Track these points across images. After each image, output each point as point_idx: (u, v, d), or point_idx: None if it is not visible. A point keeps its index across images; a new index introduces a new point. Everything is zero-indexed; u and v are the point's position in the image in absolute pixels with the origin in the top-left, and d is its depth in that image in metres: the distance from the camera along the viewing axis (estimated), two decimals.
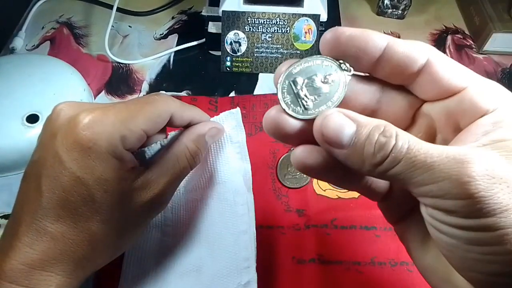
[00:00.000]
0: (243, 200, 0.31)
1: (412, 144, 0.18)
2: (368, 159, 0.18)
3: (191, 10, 0.56)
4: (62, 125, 0.24)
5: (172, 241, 0.33)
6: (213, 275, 0.30)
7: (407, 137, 0.18)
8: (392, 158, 0.18)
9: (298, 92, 0.21)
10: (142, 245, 0.32)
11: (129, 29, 0.54)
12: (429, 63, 0.19)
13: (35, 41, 0.53)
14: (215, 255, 0.31)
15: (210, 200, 0.32)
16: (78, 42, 0.53)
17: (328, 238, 0.34)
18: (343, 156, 0.19)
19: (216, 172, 0.32)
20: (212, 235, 0.31)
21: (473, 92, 0.19)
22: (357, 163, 0.19)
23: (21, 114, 0.39)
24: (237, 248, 0.30)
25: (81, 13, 0.56)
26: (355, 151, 0.19)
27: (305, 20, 0.44)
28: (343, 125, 0.19)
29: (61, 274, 0.24)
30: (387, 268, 0.32)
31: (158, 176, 0.27)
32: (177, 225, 0.33)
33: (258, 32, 0.45)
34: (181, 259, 0.32)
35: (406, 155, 0.18)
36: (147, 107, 0.26)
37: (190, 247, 0.32)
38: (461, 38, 0.52)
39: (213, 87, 0.47)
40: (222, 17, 0.45)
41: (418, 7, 0.54)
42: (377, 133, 0.18)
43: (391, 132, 0.18)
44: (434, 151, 0.17)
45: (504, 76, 0.47)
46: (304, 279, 0.33)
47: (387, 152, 0.18)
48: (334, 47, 0.20)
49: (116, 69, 0.50)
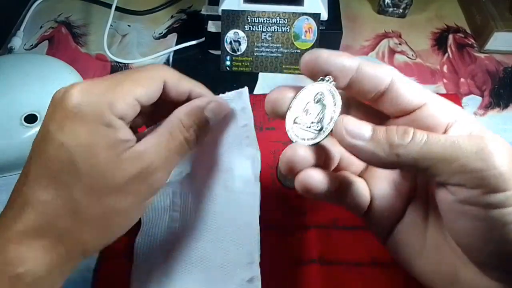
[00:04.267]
0: (249, 190, 0.30)
1: (430, 135, 0.20)
2: (393, 143, 0.20)
3: (191, 9, 0.56)
4: (56, 98, 0.24)
5: (180, 228, 0.32)
6: (217, 268, 0.29)
7: (422, 131, 0.20)
8: (415, 140, 0.20)
9: (305, 125, 0.23)
10: (151, 231, 0.32)
11: (128, 28, 0.54)
12: (392, 83, 0.21)
13: (33, 41, 0.52)
14: (219, 247, 0.30)
15: (216, 188, 0.31)
16: (77, 42, 0.52)
17: (329, 239, 0.34)
18: (367, 146, 0.21)
19: (222, 158, 0.30)
20: (216, 226, 0.30)
21: (432, 108, 0.21)
22: (380, 151, 0.20)
23: (19, 114, 0.39)
24: (241, 241, 0.29)
25: (80, 12, 0.56)
26: (378, 140, 0.20)
27: (306, 19, 0.44)
28: (362, 122, 0.21)
29: (39, 249, 0.22)
30: (388, 269, 0.32)
31: (149, 149, 0.24)
32: (185, 211, 0.32)
33: (258, 31, 0.45)
34: (187, 249, 0.31)
35: (428, 137, 0.19)
36: (137, 73, 0.25)
37: (197, 237, 0.31)
38: (463, 37, 0.51)
39: (212, 86, 0.46)
40: (222, 16, 0.45)
41: (419, 5, 0.54)
42: (399, 127, 0.20)
43: (409, 128, 0.20)
44: (452, 134, 0.20)
45: (505, 75, 0.47)
46: (305, 280, 0.33)
47: (410, 135, 0.20)
48: (315, 67, 0.22)
49: (115, 69, 0.49)
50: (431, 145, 0.19)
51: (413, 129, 0.20)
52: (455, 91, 0.46)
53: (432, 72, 0.48)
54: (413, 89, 0.22)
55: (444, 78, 0.47)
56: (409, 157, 0.20)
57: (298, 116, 0.24)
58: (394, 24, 0.53)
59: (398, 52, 0.50)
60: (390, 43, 0.51)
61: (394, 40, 0.51)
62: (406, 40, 0.51)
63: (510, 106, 0.44)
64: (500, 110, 0.44)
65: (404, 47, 0.50)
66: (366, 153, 0.21)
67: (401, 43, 0.51)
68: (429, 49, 0.50)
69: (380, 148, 0.20)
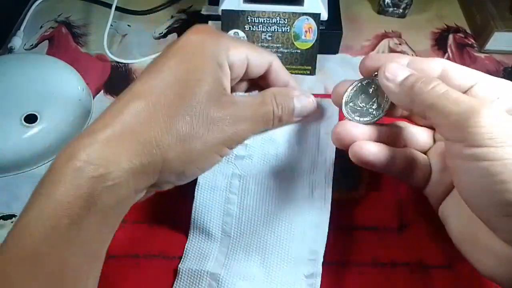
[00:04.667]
0: (321, 194, 0.31)
1: (449, 89, 0.23)
2: (418, 90, 0.24)
3: (191, 9, 0.56)
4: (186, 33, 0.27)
5: (238, 211, 0.32)
6: (277, 259, 0.30)
7: (447, 86, 0.24)
8: (432, 92, 0.23)
9: (358, 108, 0.28)
10: (206, 207, 0.32)
11: (128, 28, 0.54)
12: (444, 71, 0.26)
13: (33, 41, 0.52)
14: (282, 241, 0.31)
15: (286, 183, 0.32)
16: (77, 42, 0.52)
17: (329, 239, 0.34)
18: (396, 90, 0.25)
19: (300, 159, 0.32)
20: (282, 220, 0.31)
21: (479, 87, 0.25)
22: (404, 97, 0.25)
23: (19, 114, 0.39)
24: (306, 239, 0.30)
25: (80, 12, 0.56)
26: (406, 86, 0.25)
27: (306, 19, 0.44)
28: (400, 68, 0.26)
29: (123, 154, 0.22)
30: (388, 269, 0.32)
31: (241, 102, 0.26)
32: (244, 195, 0.33)
33: (258, 31, 0.45)
34: (246, 234, 0.32)
35: (444, 91, 0.23)
36: (253, 44, 0.30)
37: (258, 225, 0.32)
38: (463, 37, 0.51)
39: None
40: (222, 16, 0.45)
41: (419, 5, 0.54)
42: (426, 77, 0.24)
43: (436, 79, 0.24)
44: (462, 96, 0.23)
45: (506, 75, 0.47)
46: None
47: (429, 88, 0.24)
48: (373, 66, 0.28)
49: (115, 69, 0.49)
50: (443, 98, 0.23)
51: (437, 83, 0.24)
52: None
53: None
54: (463, 72, 0.26)
55: None
56: (420, 106, 0.24)
57: (353, 101, 0.28)
58: (394, 24, 0.53)
59: (398, 52, 0.50)
60: (390, 43, 0.51)
61: (394, 40, 0.51)
62: (406, 40, 0.51)
63: None
64: None
65: (404, 47, 0.50)
66: (393, 94, 0.26)
67: (401, 43, 0.51)
68: (429, 49, 0.50)
69: (404, 95, 0.25)
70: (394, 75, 0.25)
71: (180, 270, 0.31)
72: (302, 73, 0.47)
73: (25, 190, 0.38)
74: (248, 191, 0.33)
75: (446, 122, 0.23)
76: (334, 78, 0.47)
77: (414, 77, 0.25)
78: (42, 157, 0.40)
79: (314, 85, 0.46)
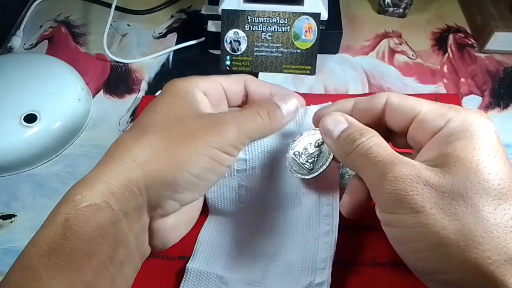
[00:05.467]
0: (328, 200, 0.31)
1: (374, 145, 0.23)
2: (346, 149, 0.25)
3: (190, 9, 0.56)
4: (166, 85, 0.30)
5: (248, 220, 0.33)
6: (286, 265, 0.30)
7: (376, 140, 0.24)
8: (357, 151, 0.24)
9: (301, 160, 0.30)
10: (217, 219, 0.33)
11: (127, 28, 0.54)
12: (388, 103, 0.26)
13: (33, 40, 0.52)
14: (292, 247, 0.31)
15: (293, 191, 0.32)
16: (76, 41, 0.52)
17: None
18: (333, 146, 0.26)
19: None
20: (291, 228, 0.31)
21: (423, 114, 0.24)
22: (339, 153, 0.26)
23: (19, 114, 0.39)
24: (316, 247, 0.30)
25: (79, 12, 0.56)
26: (339, 142, 0.25)
27: (306, 19, 0.44)
28: (338, 121, 0.26)
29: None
30: (387, 269, 0.32)
31: (223, 112, 0.30)
32: (252, 204, 0.33)
33: (258, 31, 0.45)
34: (255, 238, 0.32)
35: (368, 147, 0.23)
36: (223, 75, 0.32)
37: (267, 232, 0.32)
38: (463, 37, 0.51)
39: None
40: (222, 15, 0.45)
41: (419, 5, 0.54)
42: (357, 133, 0.24)
43: (366, 134, 0.24)
44: (383, 153, 0.23)
45: (506, 75, 0.47)
46: None
47: (355, 146, 0.24)
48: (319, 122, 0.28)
49: (114, 68, 0.49)
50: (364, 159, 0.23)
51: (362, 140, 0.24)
52: (455, 91, 0.46)
53: (432, 72, 0.48)
54: (405, 103, 0.25)
55: (444, 78, 0.47)
56: (351, 162, 0.24)
57: (298, 151, 0.30)
58: (394, 24, 0.53)
59: (398, 52, 0.50)
60: (390, 43, 0.51)
61: (394, 40, 0.51)
62: (406, 40, 0.51)
63: (510, 106, 0.44)
64: (500, 110, 0.44)
65: (404, 47, 0.50)
66: (333, 150, 0.26)
67: (401, 43, 0.51)
68: (429, 49, 0.50)
69: (338, 151, 0.26)
70: (332, 129, 0.26)
71: (188, 270, 0.31)
72: (302, 73, 0.47)
73: (24, 189, 0.38)
74: (256, 200, 0.33)
75: (367, 184, 0.23)
76: (334, 78, 0.47)
77: (347, 132, 0.25)
78: (42, 156, 0.40)
79: (314, 85, 0.46)
